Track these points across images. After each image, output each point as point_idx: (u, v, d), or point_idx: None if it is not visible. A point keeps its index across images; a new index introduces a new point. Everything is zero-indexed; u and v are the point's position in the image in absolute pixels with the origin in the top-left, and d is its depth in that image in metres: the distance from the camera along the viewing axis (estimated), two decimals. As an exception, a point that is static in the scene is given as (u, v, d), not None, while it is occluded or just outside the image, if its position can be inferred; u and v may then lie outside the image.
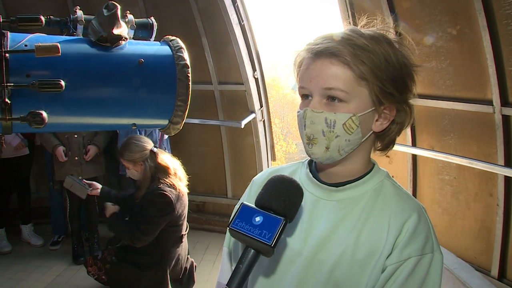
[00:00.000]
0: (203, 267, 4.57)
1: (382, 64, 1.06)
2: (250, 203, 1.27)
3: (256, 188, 1.30)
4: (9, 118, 1.31)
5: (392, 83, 1.07)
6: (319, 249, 1.11)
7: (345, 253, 1.08)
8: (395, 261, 1.05)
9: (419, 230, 1.07)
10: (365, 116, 1.08)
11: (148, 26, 1.76)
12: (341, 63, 1.05)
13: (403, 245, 1.05)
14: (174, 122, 1.61)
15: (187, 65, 1.56)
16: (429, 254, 1.06)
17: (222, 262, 1.35)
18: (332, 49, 1.05)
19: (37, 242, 4.97)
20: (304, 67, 1.10)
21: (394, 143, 1.20)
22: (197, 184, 5.55)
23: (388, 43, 1.08)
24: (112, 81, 1.50)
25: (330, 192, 1.15)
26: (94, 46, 1.50)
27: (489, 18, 3.12)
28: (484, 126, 3.44)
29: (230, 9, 4.69)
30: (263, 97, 5.20)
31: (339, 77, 1.05)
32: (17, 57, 1.31)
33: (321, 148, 1.08)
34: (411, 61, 1.11)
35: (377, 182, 1.16)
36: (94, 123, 1.56)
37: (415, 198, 1.17)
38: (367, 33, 1.08)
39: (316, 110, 1.07)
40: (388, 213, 1.10)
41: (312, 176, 1.20)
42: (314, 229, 1.13)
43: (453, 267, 3.36)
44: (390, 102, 1.10)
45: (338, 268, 1.08)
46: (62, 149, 4.33)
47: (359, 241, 1.08)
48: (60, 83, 1.30)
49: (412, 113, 1.14)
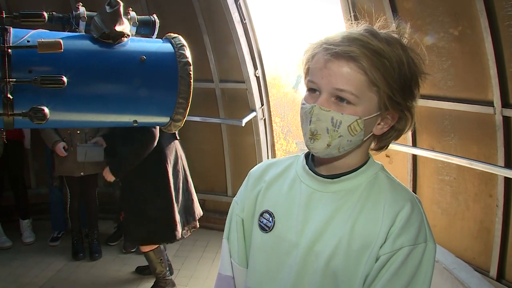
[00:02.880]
0: (203, 265, 4.59)
1: (396, 74, 1.07)
2: (247, 196, 1.30)
3: (253, 180, 1.32)
4: (11, 113, 1.31)
5: (401, 92, 1.09)
6: (316, 240, 1.13)
7: (341, 244, 1.10)
8: (388, 251, 1.06)
9: (412, 220, 1.08)
10: (369, 120, 1.10)
11: (150, 23, 1.76)
12: (357, 67, 1.05)
13: (396, 235, 1.07)
14: (175, 120, 1.62)
15: (189, 63, 1.57)
16: (422, 244, 1.08)
17: (222, 254, 1.36)
18: (351, 53, 1.05)
19: (27, 239, 4.93)
20: (317, 63, 1.10)
21: (388, 146, 1.22)
22: (198, 182, 5.52)
23: (402, 49, 1.09)
24: (114, 78, 1.50)
25: (326, 184, 1.17)
26: (96, 42, 1.50)
27: (491, 19, 3.12)
28: (484, 127, 3.44)
29: (232, 7, 4.68)
30: (264, 95, 5.20)
31: (352, 80, 1.06)
32: (19, 53, 1.32)
33: (322, 145, 1.10)
34: (421, 69, 1.13)
35: (371, 174, 1.17)
36: (96, 119, 1.56)
37: (409, 189, 1.18)
38: (383, 35, 1.09)
39: (324, 108, 1.08)
40: (382, 203, 1.11)
41: (308, 169, 1.21)
42: (310, 221, 1.15)
43: (452, 267, 3.36)
44: (395, 110, 1.11)
45: (334, 259, 1.10)
46: (63, 145, 4.32)
47: (354, 231, 1.10)
48: (62, 79, 1.30)
49: (413, 120, 1.16)
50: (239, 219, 1.31)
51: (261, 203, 1.26)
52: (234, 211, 1.34)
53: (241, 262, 1.30)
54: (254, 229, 1.26)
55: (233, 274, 1.33)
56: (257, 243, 1.24)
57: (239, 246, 1.30)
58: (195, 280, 4.29)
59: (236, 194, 1.37)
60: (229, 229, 1.34)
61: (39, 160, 5.28)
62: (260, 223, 1.23)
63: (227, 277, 1.34)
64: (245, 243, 1.30)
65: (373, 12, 1.19)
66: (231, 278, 1.33)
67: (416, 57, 1.12)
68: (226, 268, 1.34)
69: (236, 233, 1.31)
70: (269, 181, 1.27)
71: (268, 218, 1.22)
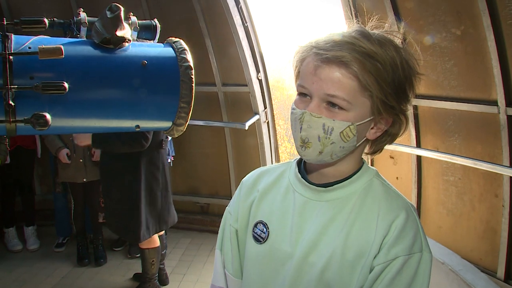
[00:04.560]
0: (208, 269, 4.57)
1: (389, 77, 1.04)
2: (241, 206, 1.28)
3: (246, 190, 1.29)
4: (13, 120, 1.31)
5: (395, 96, 1.06)
6: (310, 251, 1.10)
7: (335, 254, 1.07)
8: (382, 261, 1.04)
9: (407, 229, 1.06)
10: (362, 125, 1.07)
11: (151, 28, 1.77)
12: (348, 73, 1.02)
13: (390, 245, 1.04)
14: (177, 124, 1.61)
15: (191, 67, 1.56)
16: (418, 254, 1.05)
17: (215, 265, 1.34)
18: (342, 58, 1.02)
19: (31, 246, 4.93)
20: (308, 68, 1.07)
21: (382, 149, 1.19)
22: (201, 185, 5.56)
23: (396, 51, 1.06)
24: (115, 83, 1.50)
25: (319, 193, 1.14)
26: (98, 48, 1.50)
27: (493, 18, 3.11)
28: (489, 127, 3.42)
29: (234, 10, 4.69)
30: (267, 98, 5.20)
31: (344, 86, 1.03)
32: (21, 59, 1.32)
33: (314, 152, 1.07)
34: (415, 70, 1.10)
35: (366, 181, 1.14)
36: (98, 125, 1.56)
37: (404, 196, 1.16)
38: (375, 36, 1.06)
39: (315, 115, 1.05)
40: (376, 212, 1.09)
41: (301, 177, 1.19)
42: (305, 231, 1.13)
43: (458, 269, 3.34)
44: (389, 114, 1.09)
45: (328, 270, 1.07)
46: (66, 151, 4.33)
47: (348, 241, 1.07)
48: (63, 85, 1.30)
49: (407, 124, 1.13)
50: (233, 230, 1.28)
51: (255, 214, 1.23)
52: (227, 221, 1.31)
53: (236, 273, 1.27)
54: (248, 240, 1.23)
55: (227, 285, 1.30)
56: (251, 254, 1.21)
57: (233, 257, 1.28)
58: (200, 284, 4.28)
59: (229, 203, 1.34)
60: (222, 239, 1.31)
61: (44, 166, 5.29)
62: (254, 234, 1.21)
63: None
64: (239, 254, 1.28)
65: (374, 13, 1.17)
66: None
67: (410, 58, 1.09)
68: (219, 280, 1.32)
69: (230, 244, 1.28)
70: (263, 191, 1.25)
71: (262, 229, 1.20)
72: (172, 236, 5.14)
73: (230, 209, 1.32)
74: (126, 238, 3.87)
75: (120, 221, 3.61)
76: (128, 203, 3.53)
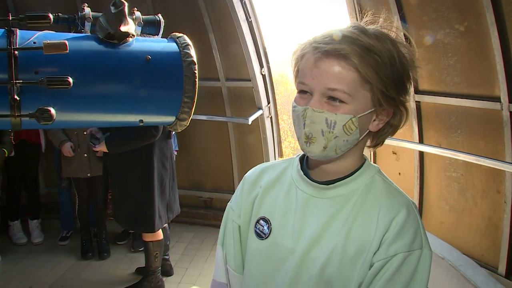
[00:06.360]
0: (211, 263, 4.59)
1: (388, 69, 1.05)
2: (243, 202, 1.28)
3: (248, 186, 1.30)
4: (18, 114, 1.33)
5: (394, 87, 1.07)
6: (311, 247, 1.11)
7: (335, 250, 1.08)
8: (382, 258, 1.05)
9: (408, 226, 1.07)
10: (364, 117, 1.08)
11: (155, 23, 1.78)
12: (348, 65, 1.03)
13: (390, 242, 1.05)
14: (181, 119, 1.63)
15: (194, 62, 1.57)
16: (418, 251, 1.06)
17: (217, 260, 1.34)
18: (341, 50, 1.02)
19: (35, 240, 4.97)
20: (307, 63, 1.08)
21: (383, 142, 1.20)
22: (205, 180, 5.57)
23: (392, 44, 1.07)
24: (119, 78, 1.51)
25: (321, 190, 1.15)
26: (102, 43, 1.51)
27: (497, 14, 3.10)
28: (491, 123, 3.42)
29: (238, 5, 4.68)
30: (271, 93, 5.20)
31: (344, 78, 1.04)
32: (26, 54, 1.33)
33: (319, 148, 1.08)
34: (412, 62, 1.11)
35: (367, 178, 1.15)
36: (102, 119, 1.57)
37: (405, 193, 1.16)
38: (372, 31, 1.07)
39: (317, 110, 1.06)
40: (377, 209, 1.09)
41: (303, 174, 1.19)
42: (306, 227, 1.13)
43: (458, 264, 3.34)
44: (389, 105, 1.10)
45: (329, 265, 1.08)
46: (70, 145, 4.32)
47: (349, 237, 1.08)
48: (68, 79, 1.32)
49: (408, 115, 1.14)
50: (235, 225, 1.28)
51: (258, 210, 1.24)
52: (229, 217, 1.31)
53: (238, 269, 1.28)
54: (250, 235, 1.24)
55: (228, 281, 1.31)
56: (253, 249, 1.22)
57: (235, 253, 1.28)
58: (203, 278, 4.30)
59: (231, 199, 1.34)
60: (223, 235, 1.32)
61: (48, 159, 5.32)
62: (256, 230, 1.22)
63: (221, 284, 1.32)
64: (241, 249, 1.28)
65: (378, 10, 1.18)
66: (226, 285, 1.31)
67: (407, 51, 1.10)
68: (220, 275, 1.32)
69: (232, 240, 1.29)
70: (265, 187, 1.25)
71: (264, 225, 1.20)
72: (175, 230, 5.15)
73: (232, 204, 1.32)
74: (139, 229, 3.86)
75: (132, 213, 3.63)
76: (142, 194, 3.55)
